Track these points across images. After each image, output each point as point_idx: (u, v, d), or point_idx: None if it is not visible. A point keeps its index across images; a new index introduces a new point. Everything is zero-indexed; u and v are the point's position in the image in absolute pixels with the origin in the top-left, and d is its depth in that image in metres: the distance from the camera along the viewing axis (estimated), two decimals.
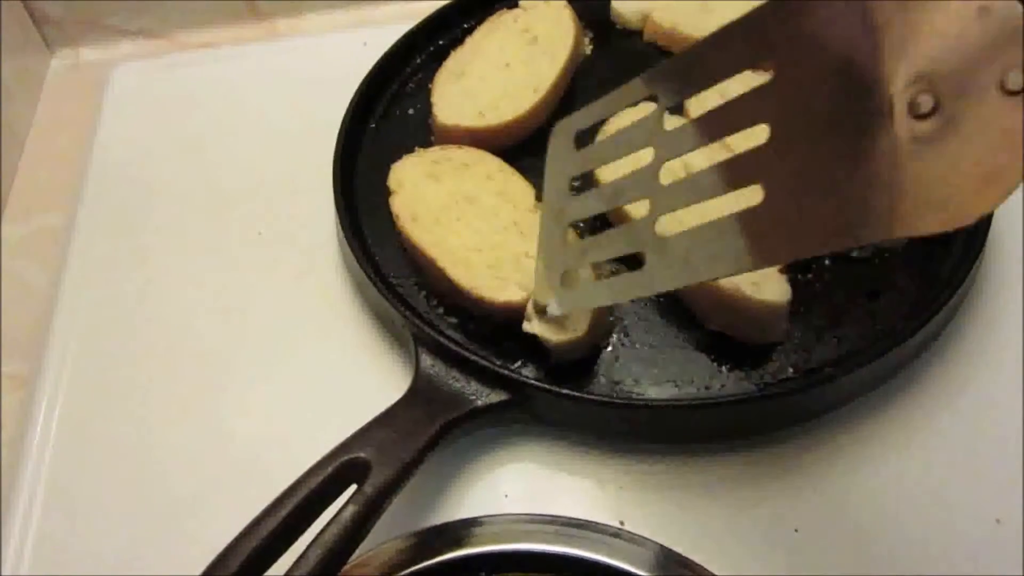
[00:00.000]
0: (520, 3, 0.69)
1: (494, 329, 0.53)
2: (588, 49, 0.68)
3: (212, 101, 0.73)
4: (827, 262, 0.55)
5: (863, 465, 0.50)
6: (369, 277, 0.54)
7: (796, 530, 0.48)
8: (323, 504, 0.43)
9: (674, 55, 0.52)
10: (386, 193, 0.58)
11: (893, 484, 0.49)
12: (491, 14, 0.68)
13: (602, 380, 0.51)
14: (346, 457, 0.44)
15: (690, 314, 0.53)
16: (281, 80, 0.74)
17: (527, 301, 0.51)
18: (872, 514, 0.48)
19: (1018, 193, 0.59)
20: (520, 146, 0.62)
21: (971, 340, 0.54)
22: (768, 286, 0.50)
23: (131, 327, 0.59)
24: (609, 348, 0.53)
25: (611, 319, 0.53)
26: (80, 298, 0.61)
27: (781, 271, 0.52)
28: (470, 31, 0.68)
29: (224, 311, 0.60)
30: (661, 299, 0.54)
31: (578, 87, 0.66)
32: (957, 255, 0.54)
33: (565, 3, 0.68)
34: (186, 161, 0.69)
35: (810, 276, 0.55)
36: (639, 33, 0.68)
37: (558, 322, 0.50)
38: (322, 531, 0.41)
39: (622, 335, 0.53)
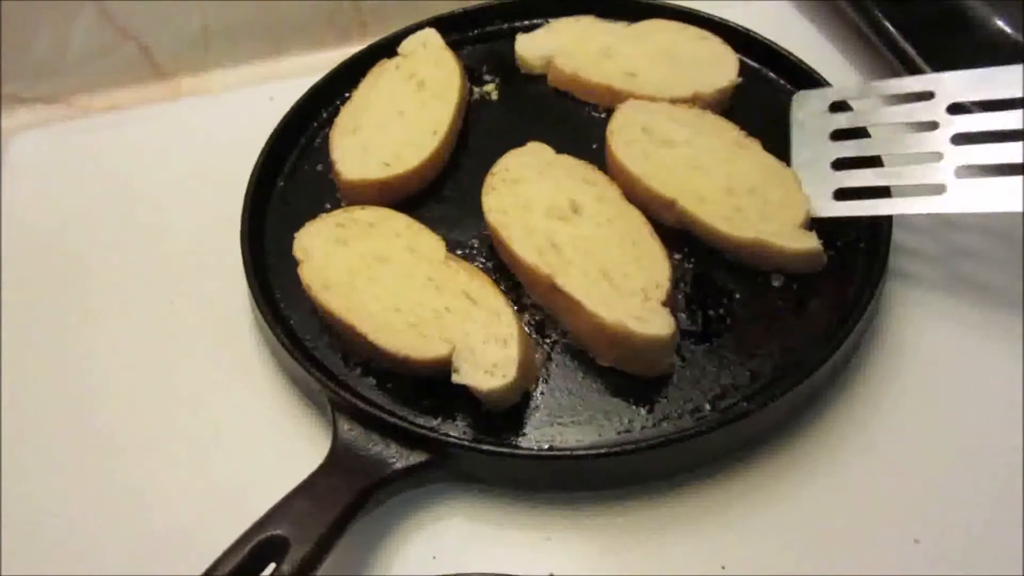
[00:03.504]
0: (398, 50, 0.69)
1: (414, 387, 0.53)
2: (494, 95, 0.69)
3: (116, 166, 0.71)
4: (738, 296, 0.56)
5: (784, 497, 0.50)
6: (282, 343, 0.54)
7: (723, 567, 0.48)
8: None
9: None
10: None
11: (814, 512, 0.50)
12: None
13: (524, 431, 0.51)
14: (263, 535, 0.43)
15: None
16: (187, 141, 0.72)
17: (452, 355, 0.50)
18: (795, 543, 0.49)
19: (916, 219, 0.61)
20: (425, 195, 0.62)
21: (879, 365, 0.55)
22: (653, 320, 0.51)
23: (39, 404, 0.57)
24: (531, 397, 0.53)
25: (539, 364, 0.53)
26: None
27: (665, 304, 0.52)
28: None
29: (136, 383, 0.58)
30: (574, 344, 0.54)
31: (477, 128, 0.67)
32: (860, 280, 0.55)
33: (443, 44, 0.68)
34: (92, 231, 0.67)
35: (721, 311, 0.55)
36: (543, 77, 0.69)
37: (487, 370, 0.50)
38: None
39: (544, 383, 0.53)
